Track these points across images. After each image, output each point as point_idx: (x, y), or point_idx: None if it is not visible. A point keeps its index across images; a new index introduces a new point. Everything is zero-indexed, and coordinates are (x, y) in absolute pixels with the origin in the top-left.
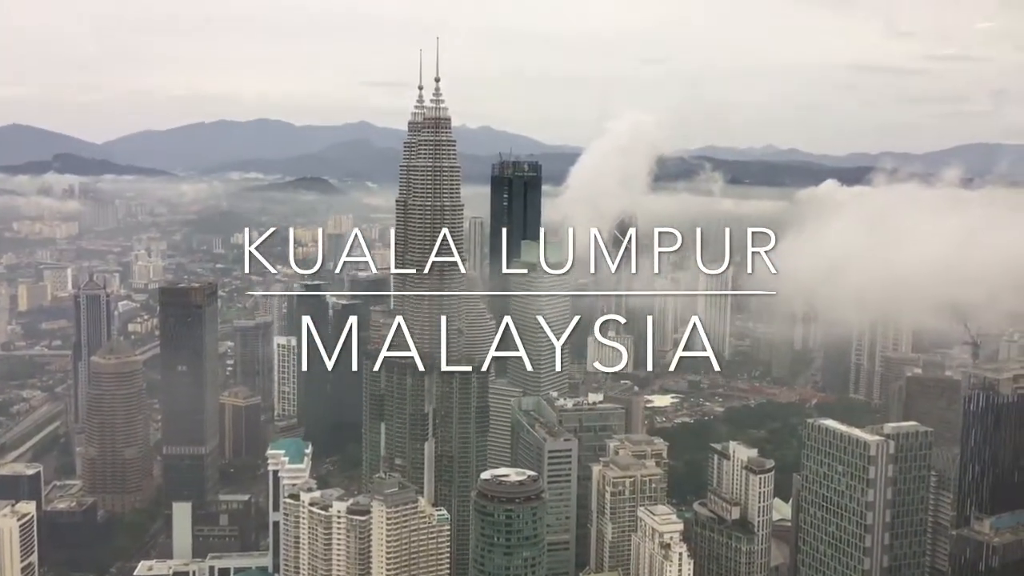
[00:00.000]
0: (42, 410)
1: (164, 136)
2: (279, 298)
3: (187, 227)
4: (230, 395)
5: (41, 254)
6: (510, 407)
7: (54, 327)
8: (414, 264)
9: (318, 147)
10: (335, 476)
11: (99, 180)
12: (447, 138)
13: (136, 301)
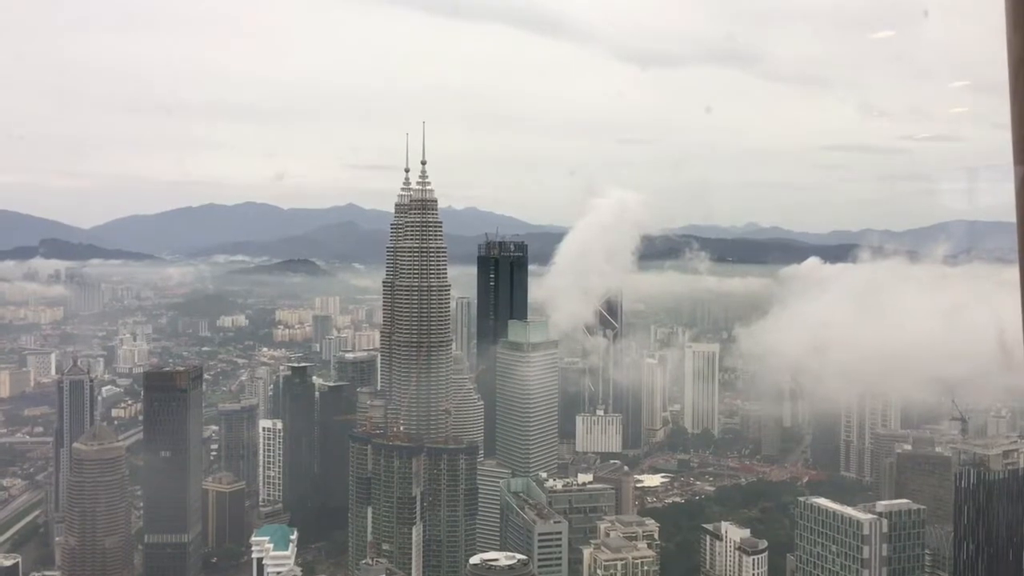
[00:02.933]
0: (22, 498)
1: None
2: (265, 380)
3: (173, 310)
4: (214, 481)
5: (25, 339)
6: (499, 488)
7: (36, 413)
8: (401, 344)
9: (305, 229)
10: (321, 563)
11: (85, 265)
12: (433, 219)
13: (120, 386)
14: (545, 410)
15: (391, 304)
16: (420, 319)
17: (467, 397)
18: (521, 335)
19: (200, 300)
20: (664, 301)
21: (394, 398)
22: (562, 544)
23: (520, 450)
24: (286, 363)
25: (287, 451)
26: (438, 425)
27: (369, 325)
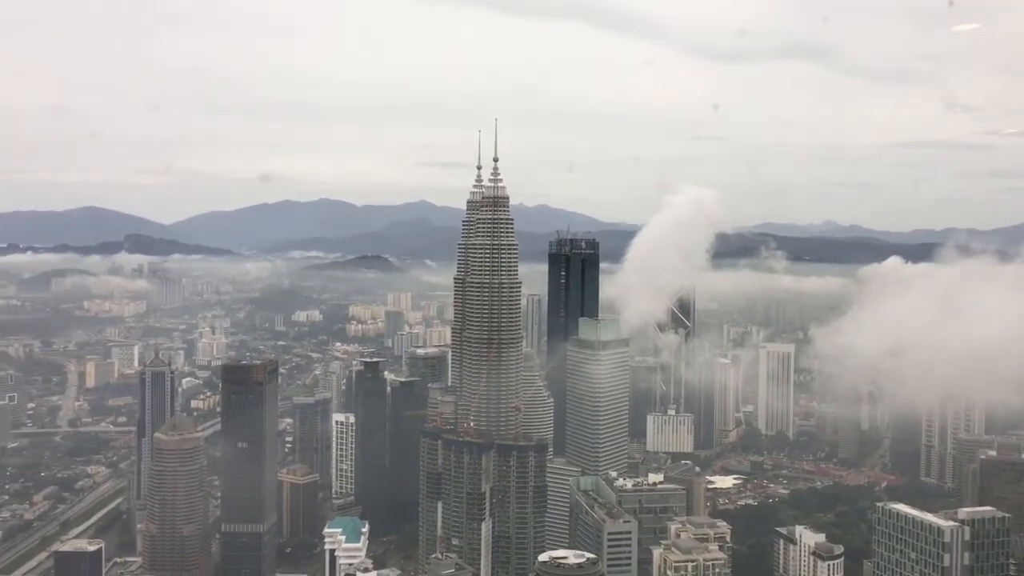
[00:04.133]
0: (106, 486)
1: (230, 216)
2: (338, 375)
3: (250, 305)
4: (288, 472)
5: (110, 332)
6: (568, 486)
7: (120, 403)
8: (472, 341)
9: (378, 226)
10: (392, 556)
11: (167, 260)
12: (505, 216)
13: (199, 378)
14: (615, 409)
15: (462, 301)
16: (491, 316)
17: (537, 394)
18: (592, 333)
19: (276, 295)
20: (738, 300)
21: (464, 394)
22: (632, 544)
23: (590, 448)
24: (359, 358)
25: (359, 445)
26: (508, 422)
27: (440, 321)
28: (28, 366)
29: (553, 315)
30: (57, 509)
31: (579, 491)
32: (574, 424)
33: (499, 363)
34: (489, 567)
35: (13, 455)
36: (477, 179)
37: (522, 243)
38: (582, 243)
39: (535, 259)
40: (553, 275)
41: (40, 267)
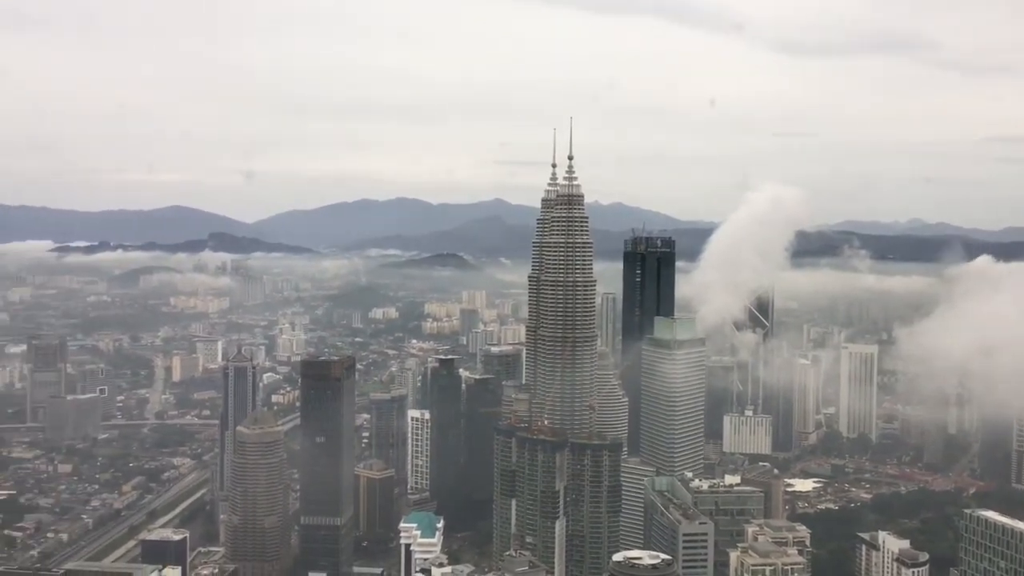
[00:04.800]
0: (190, 477)
1: (309, 215)
2: (414, 371)
3: (329, 302)
4: (365, 467)
5: (195, 328)
6: (643, 486)
7: (204, 397)
8: (546, 339)
9: (454, 224)
10: (466, 552)
11: (249, 257)
12: (580, 214)
13: (280, 373)
14: (691, 408)
15: (537, 299)
16: (565, 314)
17: (612, 393)
18: (667, 332)
19: (353, 292)
20: (818, 299)
21: (539, 392)
22: (708, 546)
23: (665, 448)
24: (434, 355)
25: (434, 441)
26: (582, 420)
27: (515, 319)
28: (118, 360)
29: (628, 314)
30: (144, 499)
31: (654, 491)
32: (649, 424)
33: (573, 361)
34: (563, 566)
35: (103, 446)
36: (552, 177)
37: (597, 241)
38: (658, 241)
39: (610, 257)
40: (628, 273)
41: (129, 264)
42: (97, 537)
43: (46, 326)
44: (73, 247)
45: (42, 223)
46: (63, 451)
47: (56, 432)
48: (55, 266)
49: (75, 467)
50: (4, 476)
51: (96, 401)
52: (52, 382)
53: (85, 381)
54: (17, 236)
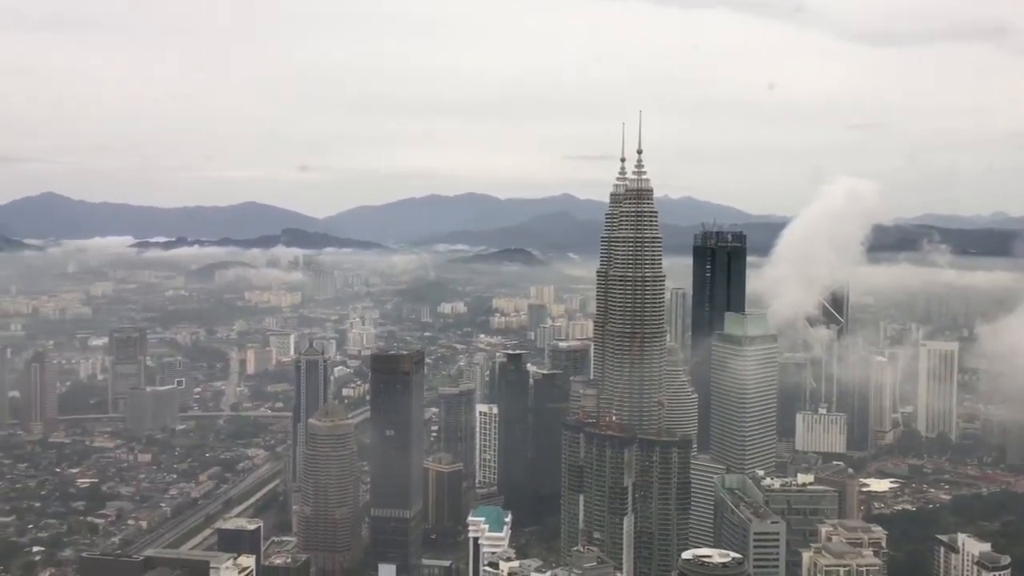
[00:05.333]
0: (264, 468)
1: (378, 211)
2: (482, 366)
3: (398, 297)
4: (434, 461)
5: (268, 321)
6: (713, 484)
7: (277, 390)
8: (615, 335)
9: (521, 219)
10: (534, 546)
11: (320, 253)
12: (649, 209)
13: (350, 367)
14: (762, 406)
15: (605, 294)
16: (634, 309)
17: (681, 389)
18: (738, 328)
19: (422, 287)
20: (895, 295)
21: (607, 388)
22: (780, 545)
23: (735, 446)
24: (502, 350)
25: (502, 435)
26: (651, 417)
27: (583, 314)
28: (194, 353)
29: (697, 309)
30: (220, 488)
31: (724, 489)
32: (719, 420)
33: (642, 357)
34: (631, 562)
35: (181, 436)
36: (620, 172)
37: (666, 236)
38: (728, 236)
39: (679, 252)
40: (698, 268)
41: (205, 260)
42: (175, 525)
43: (127, 319)
44: (152, 243)
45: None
46: (143, 441)
47: (136, 422)
48: (135, 261)
49: (154, 457)
50: (87, 465)
51: (174, 393)
52: (132, 374)
53: (164, 373)
54: (99, 232)
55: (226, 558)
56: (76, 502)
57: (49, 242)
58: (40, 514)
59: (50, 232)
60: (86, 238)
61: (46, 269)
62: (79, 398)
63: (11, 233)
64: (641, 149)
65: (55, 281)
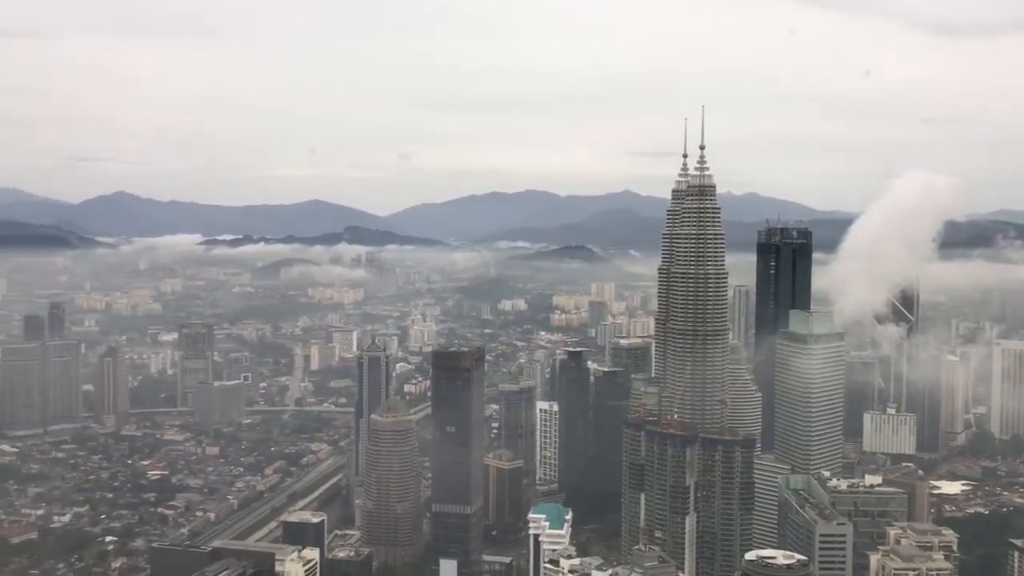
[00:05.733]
0: (327, 463)
1: (440, 208)
2: (542, 363)
3: (459, 294)
4: (494, 457)
5: (331, 318)
6: (777, 484)
7: (340, 385)
8: (676, 332)
9: (582, 216)
10: (594, 544)
11: (382, 250)
12: (712, 205)
13: (411, 363)
14: (828, 405)
15: (666, 291)
16: (696, 307)
17: (744, 388)
18: (803, 326)
19: (483, 284)
20: (968, 292)
21: (668, 386)
22: (846, 548)
23: (800, 446)
24: (562, 347)
25: (562, 433)
26: (713, 415)
27: (644, 312)
28: (260, 348)
29: (761, 307)
30: (285, 482)
31: (788, 490)
32: (783, 420)
33: (704, 355)
34: (693, 562)
35: (247, 430)
36: (683, 167)
37: (729, 232)
38: (793, 232)
39: (743, 249)
40: (762, 265)
41: (271, 257)
42: (242, 517)
43: (195, 315)
44: (220, 240)
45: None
46: (210, 434)
47: (204, 416)
48: (203, 258)
49: (221, 450)
50: (157, 457)
51: (241, 388)
52: (200, 369)
53: (230, 368)
54: (169, 230)
55: (291, 550)
56: (147, 493)
57: (121, 240)
58: (112, 505)
59: (122, 230)
60: (156, 236)
61: (119, 266)
62: (150, 392)
63: (85, 231)
64: (704, 145)
65: (127, 278)
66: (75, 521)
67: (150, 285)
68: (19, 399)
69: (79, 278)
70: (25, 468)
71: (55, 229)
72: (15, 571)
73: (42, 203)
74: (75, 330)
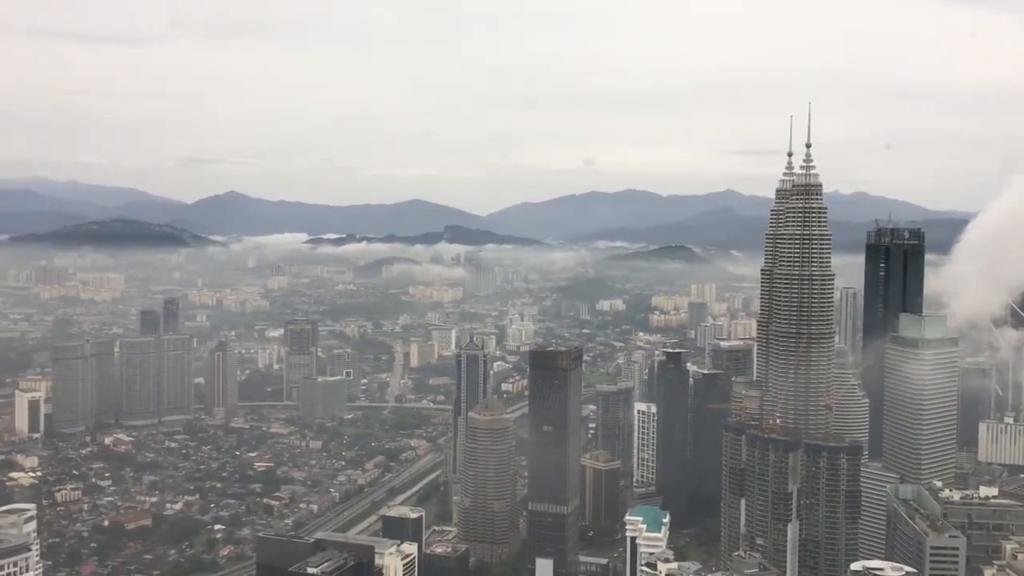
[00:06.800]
0: (426, 459)
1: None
2: (640, 364)
3: (557, 293)
4: (591, 458)
5: (431, 316)
6: (885, 494)
7: (439, 383)
8: (779, 335)
9: (682, 216)
10: (692, 549)
11: (481, 249)
12: (818, 205)
13: (509, 362)
14: (940, 413)
15: (769, 293)
16: (800, 309)
17: (850, 393)
18: (914, 330)
19: (581, 284)
20: None
21: (770, 390)
22: (959, 562)
23: (910, 455)
24: (661, 348)
25: (660, 435)
26: (817, 421)
27: (745, 314)
28: (362, 345)
29: (870, 310)
30: (384, 477)
31: (897, 499)
32: (892, 427)
33: (808, 358)
34: (795, 571)
35: (349, 425)
36: (788, 166)
37: (836, 233)
38: (904, 232)
39: (851, 250)
40: (871, 267)
41: (372, 255)
42: (343, 510)
43: (300, 312)
44: (324, 239)
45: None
46: (314, 428)
47: (308, 411)
48: (308, 257)
49: (324, 444)
50: (263, 449)
51: (343, 383)
52: (305, 364)
53: (333, 364)
54: (276, 229)
55: (390, 544)
56: (253, 484)
57: (231, 238)
58: (221, 494)
59: (233, 229)
60: (265, 235)
61: (228, 264)
62: (257, 386)
63: (198, 230)
64: (810, 143)
65: (237, 275)
66: (186, 509)
67: (258, 282)
68: (135, 390)
69: (192, 275)
70: (140, 456)
71: (170, 228)
72: (130, 556)
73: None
74: (187, 325)
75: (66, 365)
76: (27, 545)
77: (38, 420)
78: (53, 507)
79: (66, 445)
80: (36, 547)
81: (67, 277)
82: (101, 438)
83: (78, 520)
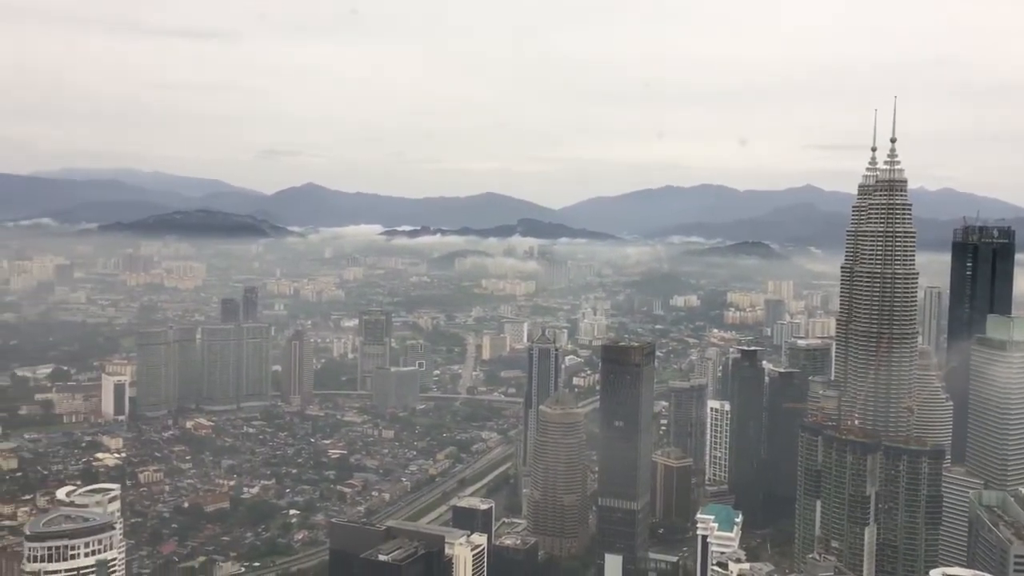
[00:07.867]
0: (496, 451)
1: (613, 202)
2: (714, 361)
3: (630, 288)
4: (663, 455)
5: (503, 309)
6: (968, 499)
7: (510, 376)
8: (859, 334)
9: (760, 212)
10: (765, 550)
11: (554, 243)
12: (902, 201)
13: (581, 356)
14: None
15: (849, 290)
16: (882, 308)
17: (933, 396)
18: (1003, 331)
19: (655, 279)
20: None
21: (849, 390)
22: None
23: (996, 460)
24: (736, 345)
25: (734, 433)
26: (898, 423)
27: (824, 312)
28: (434, 337)
29: (955, 310)
30: (455, 468)
31: (981, 506)
32: (977, 431)
33: (889, 359)
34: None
35: (421, 416)
36: (871, 161)
37: (922, 230)
38: (994, 231)
39: (936, 248)
40: (957, 266)
41: (446, 248)
42: (414, 499)
43: (375, 303)
44: (399, 231)
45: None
46: (387, 418)
47: (381, 400)
48: (384, 248)
49: (396, 433)
50: (337, 437)
51: (415, 374)
52: (379, 354)
53: (406, 355)
54: (353, 220)
55: (460, 535)
56: (327, 471)
57: (309, 229)
58: (296, 480)
59: (310, 220)
60: (341, 226)
61: (306, 254)
62: (332, 375)
63: (277, 220)
64: (895, 137)
65: (314, 266)
66: (262, 493)
67: (334, 273)
68: (216, 376)
69: (270, 265)
70: (220, 441)
71: (251, 218)
72: (208, 537)
73: (240, 194)
74: (266, 314)
75: (150, 350)
76: (111, 524)
77: (123, 403)
78: (136, 487)
79: (149, 428)
80: (119, 526)
81: (152, 265)
82: (182, 422)
83: (159, 501)
